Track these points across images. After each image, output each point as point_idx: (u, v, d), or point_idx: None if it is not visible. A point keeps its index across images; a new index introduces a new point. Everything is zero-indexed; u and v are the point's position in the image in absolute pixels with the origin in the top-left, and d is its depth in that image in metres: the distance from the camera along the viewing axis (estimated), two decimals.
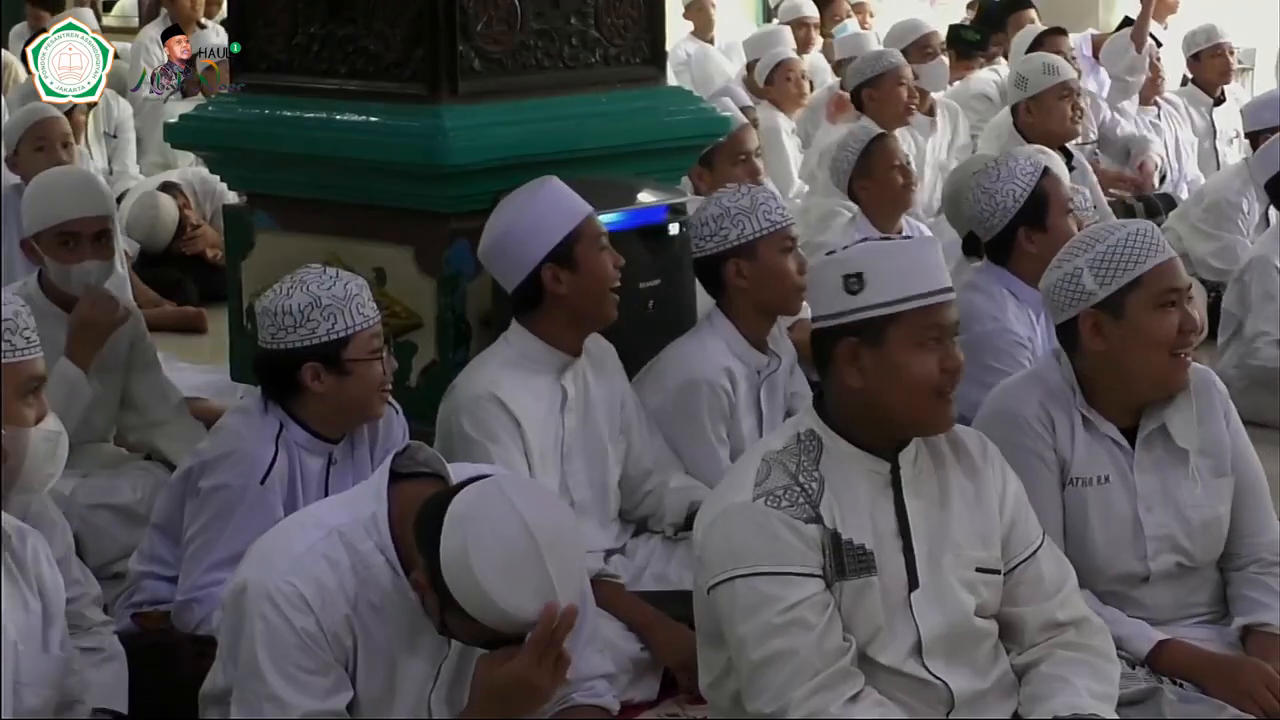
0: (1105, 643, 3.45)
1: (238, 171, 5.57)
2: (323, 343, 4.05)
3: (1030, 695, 3.36)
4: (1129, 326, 3.69)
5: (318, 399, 4.11)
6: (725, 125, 5.73)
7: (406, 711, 3.23)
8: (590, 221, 4.47)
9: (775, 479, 3.26)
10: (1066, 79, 7.40)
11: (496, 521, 3.00)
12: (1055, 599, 3.43)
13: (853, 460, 3.31)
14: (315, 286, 4.06)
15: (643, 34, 5.38)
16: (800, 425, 3.37)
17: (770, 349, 4.85)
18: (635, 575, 4.51)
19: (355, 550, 3.17)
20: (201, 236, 8.66)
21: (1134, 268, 3.70)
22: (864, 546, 3.27)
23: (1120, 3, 11.77)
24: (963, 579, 3.35)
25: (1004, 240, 5.07)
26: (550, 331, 4.47)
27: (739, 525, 3.24)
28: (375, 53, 5.08)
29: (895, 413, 3.30)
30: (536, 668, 3.05)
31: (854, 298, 3.26)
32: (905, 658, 3.30)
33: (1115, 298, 3.70)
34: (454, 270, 4.93)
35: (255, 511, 4.03)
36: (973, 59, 9.94)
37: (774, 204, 4.79)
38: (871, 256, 3.29)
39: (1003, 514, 3.42)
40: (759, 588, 3.20)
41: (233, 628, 3.22)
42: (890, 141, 6.47)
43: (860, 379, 3.27)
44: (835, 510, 3.26)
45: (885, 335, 3.26)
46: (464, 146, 4.88)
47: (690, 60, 11.43)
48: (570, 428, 4.49)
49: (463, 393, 4.43)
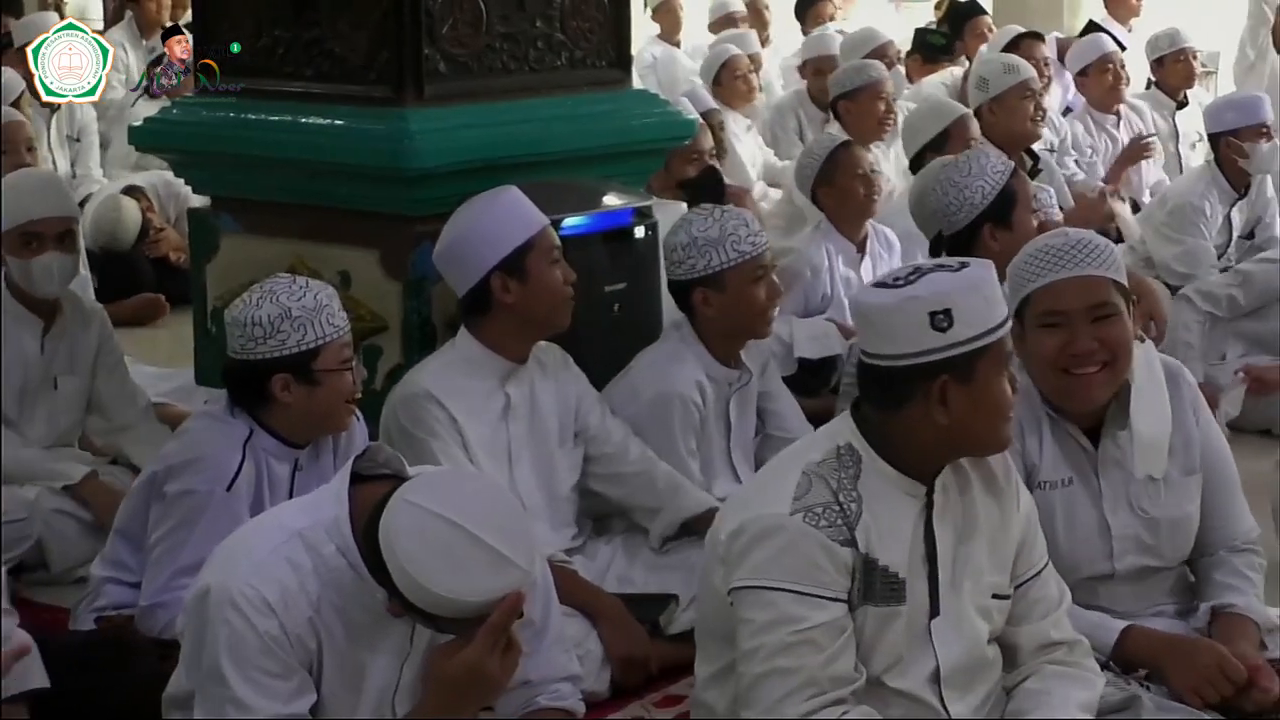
0: (1092, 663, 3.46)
1: (202, 174, 5.55)
2: (293, 354, 4.05)
3: (1016, 709, 3.36)
4: (1025, 343, 3.68)
5: (287, 409, 4.11)
6: (690, 128, 5.74)
7: (370, 712, 3.24)
8: (544, 234, 4.47)
9: (816, 494, 3.22)
10: (1027, 79, 7.40)
11: (416, 531, 3.02)
12: (1051, 618, 3.43)
13: (891, 483, 3.27)
14: (285, 297, 4.06)
15: (608, 37, 5.38)
16: (839, 437, 3.31)
17: (740, 363, 4.85)
18: (597, 577, 4.50)
19: (317, 553, 3.17)
20: (165, 239, 8.64)
21: (1031, 282, 3.70)
22: (897, 575, 3.24)
23: (1085, 7, 11.78)
24: (979, 606, 3.34)
25: (967, 236, 5.08)
26: (496, 338, 4.47)
27: (774, 538, 3.20)
28: (340, 55, 5.08)
29: (974, 441, 3.28)
30: (489, 656, 3.07)
31: (944, 335, 3.19)
32: (921, 685, 3.29)
33: (1019, 310, 3.69)
34: (419, 273, 4.93)
35: (221, 517, 4.03)
36: (938, 62, 9.94)
37: (744, 232, 4.73)
38: (958, 293, 3.21)
39: (1017, 534, 3.41)
40: (780, 605, 3.18)
41: (195, 631, 3.22)
42: (854, 150, 6.44)
43: (947, 416, 3.22)
44: (871, 534, 3.22)
45: (975, 369, 3.22)
46: (429, 149, 4.88)
47: (656, 63, 11.44)
48: (516, 434, 4.49)
49: (400, 392, 4.45)
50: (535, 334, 4.52)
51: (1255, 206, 7.41)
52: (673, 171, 6.15)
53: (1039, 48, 8.79)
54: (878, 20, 11.61)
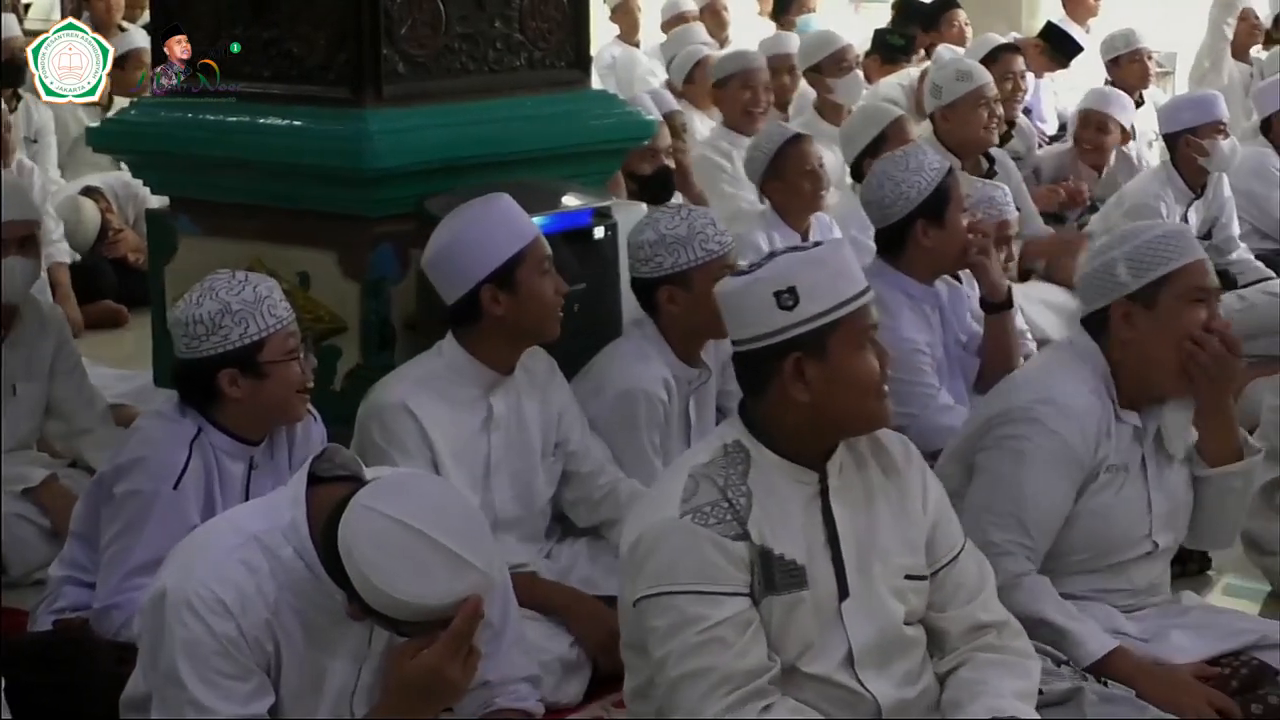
0: (1025, 644, 3.48)
1: (160, 175, 5.53)
2: (237, 348, 4.05)
3: (951, 700, 3.37)
4: (1159, 318, 3.86)
5: (237, 404, 4.11)
6: (650, 129, 5.74)
7: (328, 713, 3.24)
8: (536, 244, 4.46)
9: (703, 494, 3.25)
10: (981, 85, 7.41)
11: (375, 536, 3.02)
12: (977, 601, 3.45)
13: (781, 472, 3.31)
14: (225, 293, 4.05)
15: (567, 38, 5.38)
16: (726, 436, 3.36)
17: (701, 361, 4.86)
18: (559, 579, 4.51)
19: (274, 555, 3.17)
20: (124, 241, 8.63)
21: (1169, 263, 3.87)
22: (795, 561, 3.27)
23: (1043, 8, 11.83)
24: (892, 587, 3.36)
25: (899, 231, 5.11)
26: (484, 349, 4.45)
27: (666, 542, 3.23)
28: (299, 56, 5.07)
29: (842, 418, 3.31)
30: (451, 661, 3.07)
31: (790, 313, 3.25)
32: (836, 668, 3.31)
33: (1148, 290, 3.85)
34: (378, 274, 4.92)
35: (170, 516, 4.03)
36: (897, 63, 9.96)
37: (712, 230, 4.75)
38: (800, 269, 3.27)
39: (926, 516, 3.44)
40: (683, 606, 3.21)
41: (153, 634, 3.21)
42: (804, 145, 6.48)
43: (807, 393, 3.26)
44: (764, 525, 3.26)
45: (827, 345, 3.26)
46: (388, 150, 4.87)
47: (616, 64, 11.45)
48: (496, 445, 4.48)
49: (377, 399, 4.43)
50: (524, 344, 4.52)
51: (1211, 206, 7.46)
52: (626, 164, 6.17)
53: (1016, 60, 8.78)
54: (837, 21, 11.65)
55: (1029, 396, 3.96)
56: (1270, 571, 5.02)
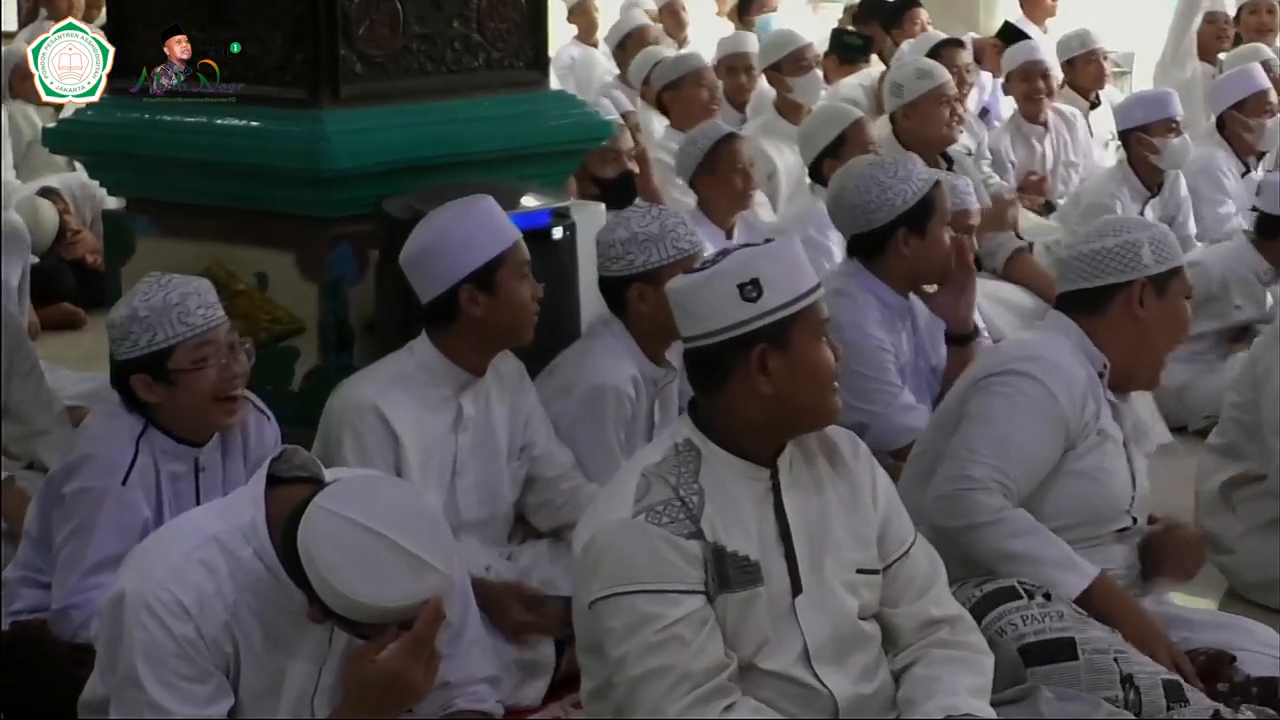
0: (978, 639, 3.49)
1: (117, 176, 5.52)
2: (144, 355, 4.04)
3: (906, 699, 3.38)
4: (1166, 307, 4.03)
5: (159, 408, 4.10)
6: (608, 129, 5.74)
7: (288, 714, 3.23)
8: (516, 248, 4.45)
9: (655, 493, 3.25)
10: (942, 84, 7.43)
11: (334, 539, 3.02)
12: (929, 595, 3.46)
13: (732, 469, 3.32)
14: (138, 299, 4.05)
15: (526, 38, 5.38)
16: (677, 435, 3.36)
17: (667, 361, 4.86)
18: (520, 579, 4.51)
19: (234, 556, 3.16)
20: (82, 242, 8.60)
21: (1178, 258, 4.10)
22: (748, 558, 3.28)
23: (1000, 8, 11.86)
24: (844, 581, 3.37)
25: (880, 238, 5.10)
26: (458, 349, 4.44)
27: (620, 542, 3.24)
28: (256, 56, 5.06)
29: (802, 411, 3.32)
30: (412, 663, 3.07)
31: (754, 304, 3.25)
32: (792, 664, 3.31)
33: (1164, 277, 4.03)
34: (336, 275, 4.92)
35: (121, 513, 4.03)
36: (855, 63, 9.98)
37: (683, 230, 4.76)
38: (761, 261, 3.28)
39: (876, 511, 3.45)
40: (639, 606, 3.21)
41: (111, 636, 3.20)
42: (737, 143, 6.52)
43: (771, 385, 3.27)
44: (717, 523, 3.26)
45: (790, 336, 3.27)
46: (346, 151, 4.87)
47: (574, 64, 11.45)
48: (464, 447, 4.47)
49: (348, 398, 4.40)
50: (497, 347, 4.50)
51: (1168, 205, 7.49)
52: (588, 168, 6.18)
53: (960, 54, 8.83)
54: (795, 21, 11.68)
55: (1016, 355, 4.11)
56: (1227, 569, 5.05)
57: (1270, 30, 10.28)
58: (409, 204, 4.73)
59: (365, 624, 3.08)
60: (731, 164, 6.41)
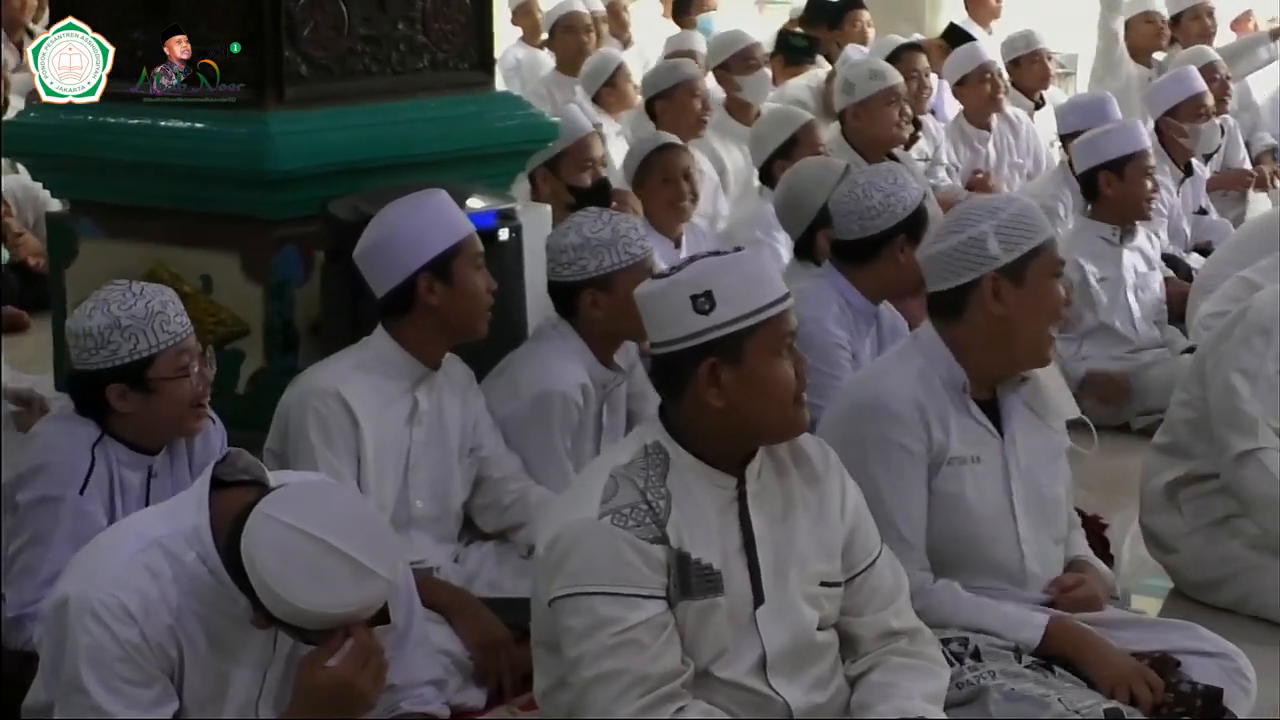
0: (935, 652, 3.50)
1: (60, 178, 5.48)
2: (125, 364, 4.00)
3: (860, 702, 3.38)
4: (1028, 293, 3.78)
5: (126, 417, 4.06)
6: (553, 131, 5.73)
7: (234, 718, 3.22)
8: (471, 239, 4.46)
9: (623, 495, 3.24)
10: (893, 84, 7.46)
11: (277, 546, 3.02)
12: (891, 608, 3.46)
13: (698, 475, 3.30)
14: (116, 307, 3.99)
15: (471, 39, 5.37)
16: (646, 437, 3.35)
17: (615, 365, 4.86)
18: (467, 582, 4.49)
19: (178, 561, 3.15)
20: (24, 244, 8.55)
21: (1036, 236, 3.81)
22: (711, 566, 3.26)
23: (945, 8, 11.90)
24: (807, 594, 3.36)
25: (875, 244, 5.06)
26: (414, 340, 4.44)
27: (584, 543, 3.22)
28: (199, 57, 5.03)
29: (757, 425, 3.30)
30: (361, 671, 3.07)
31: (706, 317, 3.23)
32: (748, 673, 3.31)
33: (1018, 264, 3.79)
34: (281, 276, 4.90)
35: (79, 522, 3.98)
36: (801, 64, 9.99)
37: (634, 235, 4.75)
38: (717, 273, 3.26)
39: (844, 522, 3.44)
40: (598, 608, 3.20)
41: (55, 641, 3.19)
42: (669, 153, 6.49)
43: (722, 398, 3.25)
44: (682, 529, 3.25)
45: (743, 350, 3.25)
46: (291, 152, 4.85)
47: (519, 65, 11.43)
48: (418, 440, 4.47)
49: (309, 384, 4.39)
50: (453, 339, 4.51)
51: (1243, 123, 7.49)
52: (563, 177, 6.17)
53: (919, 59, 8.84)
54: (741, 21, 11.68)
55: (854, 400, 3.93)
56: (1171, 568, 5.07)
57: (1211, 35, 10.30)
58: (355, 205, 4.72)
59: (309, 630, 3.08)
60: (664, 175, 6.40)
